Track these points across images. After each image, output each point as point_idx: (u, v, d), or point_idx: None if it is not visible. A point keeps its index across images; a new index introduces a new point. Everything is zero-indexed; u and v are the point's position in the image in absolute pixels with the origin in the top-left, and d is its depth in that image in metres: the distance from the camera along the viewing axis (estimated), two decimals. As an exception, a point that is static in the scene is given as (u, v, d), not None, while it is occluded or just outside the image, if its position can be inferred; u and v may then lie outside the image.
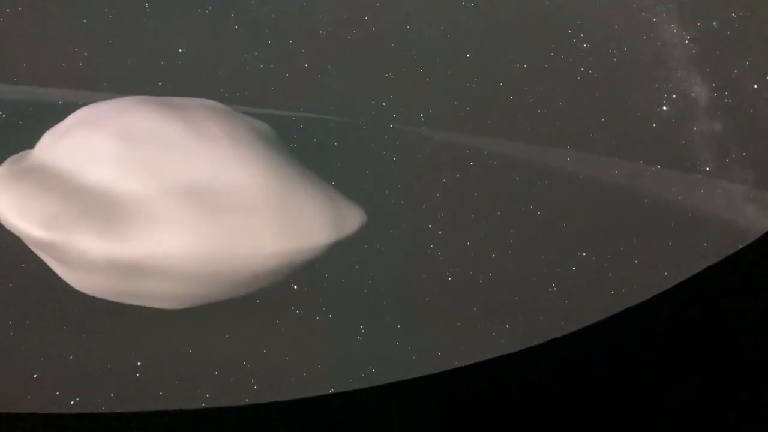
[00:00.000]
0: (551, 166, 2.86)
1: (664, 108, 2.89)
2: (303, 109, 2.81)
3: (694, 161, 2.87)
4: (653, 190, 2.87)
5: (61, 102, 2.75)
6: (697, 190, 2.87)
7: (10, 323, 2.52)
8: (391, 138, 2.82)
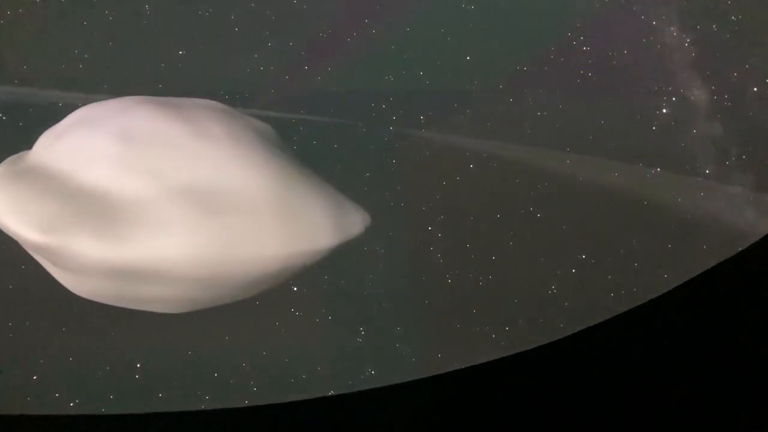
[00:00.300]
0: (551, 168, 2.87)
1: (663, 111, 2.89)
2: (303, 112, 2.82)
3: (693, 164, 2.87)
4: (653, 192, 2.87)
5: (61, 103, 2.75)
6: (697, 192, 2.87)
7: (9, 324, 2.52)
8: (391, 140, 2.83)
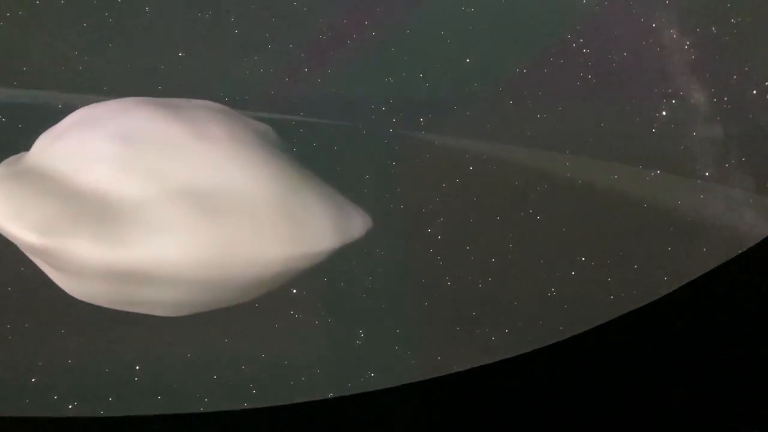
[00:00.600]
0: (551, 170, 2.87)
1: (663, 113, 2.89)
2: (302, 114, 2.82)
3: (693, 166, 2.87)
4: (652, 194, 2.87)
5: (61, 105, 2.75)
6: (697, 194, 2.87)
7: (8, 326, 2.52)
8: (391, 142, 2.83)
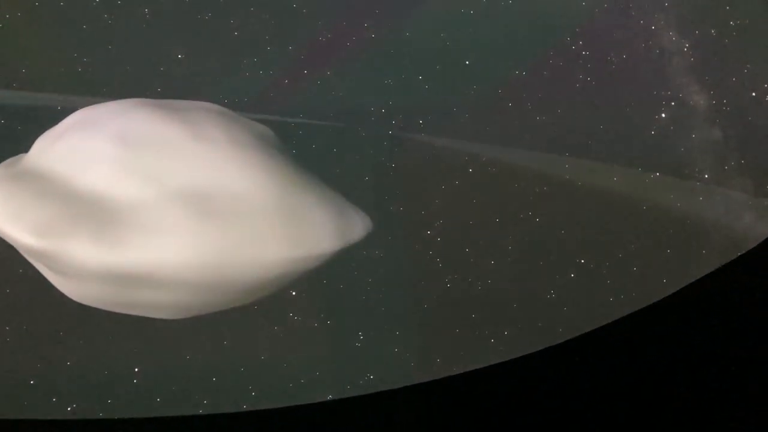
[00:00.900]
0: (550, 172, 2.86)
1: (662, 115, 2.89)
2: (302, 116, 2.81)
3: (692, 168, 2.87)
4: (652, 196, 2.87)
5: (60, 107, 2.75)
6: (696, 197, 2.87)
7: (6, 328, 2.52)
8: (390, 144, 2.83)
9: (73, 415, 2.44)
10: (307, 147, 2.78)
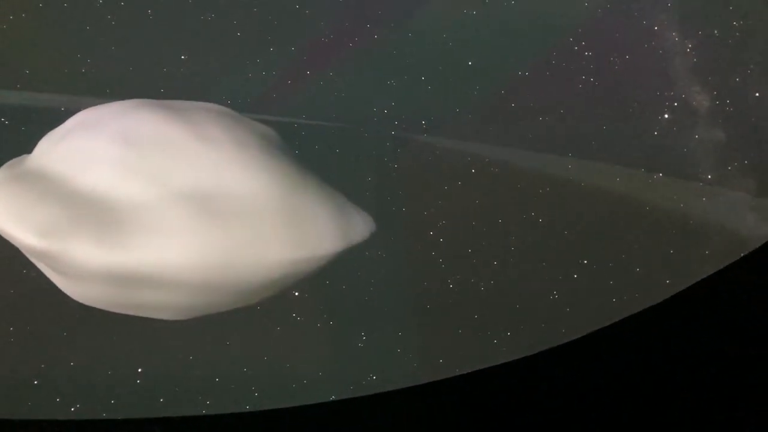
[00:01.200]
0: (552, 173, 2.86)
1: (665, 116, 2.89)
2: (304, 116, 2.82)
3: (695, 169, 2.87)
4: (654, 197, 2.87)
5: (64, 108, 2.75)
6: (699, 197, 2.86)
7: (11, 329, 2.52)
8: (393, 145, 2.83)
9: (77, 416, 2.44)
10: (310, 148, 2.79)
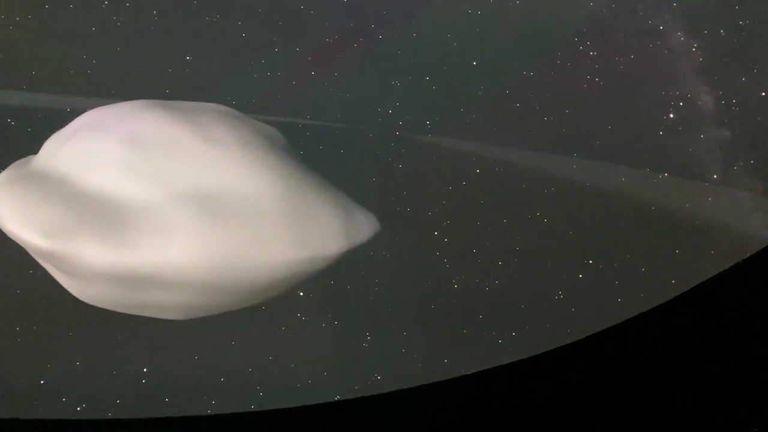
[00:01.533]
0: (557, 173, 2.86)
1: (670, 115, 2.88)
2: (309, 117, 2.82)
3: (701, 169, 2.86)
4: (660, 197, 2.86)
5: (69, 108, 2.76)
6: (704, 197, 2.86)
7: (17, 329, 2.53)
8: (398, 145, 2.83)
9: (82, 416, 2.45)
10: (315, 148, 2.79)
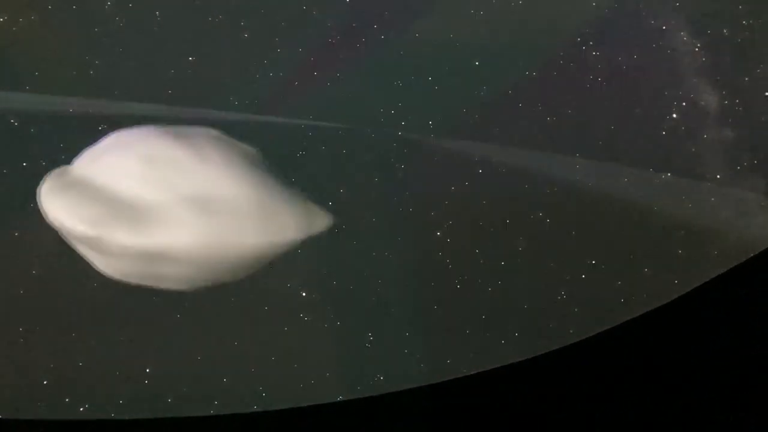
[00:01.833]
0: (560, 173, 2.86)
1: (674, 116, 2.88)
2: (311, 117, 2.82)
3: (704, 169, 2.85)
4: (663, 198, 2.86)
5: (72, 110, 2.77)
6: (708, 198, 2.85)
7: (20, 329, 2.54)
8: (399, 146, 2.83)
9: (85, 416, 2.46)
10: (317, 148, 2.80)
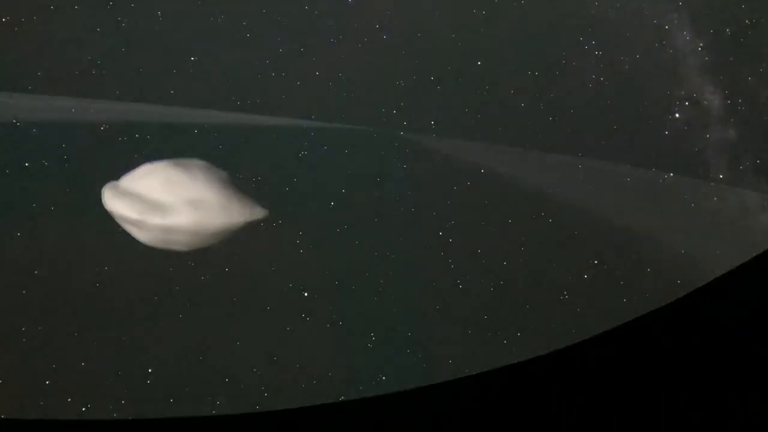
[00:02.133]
0: (562, 173, 2.86)
1: (676, 115, 2.87)
2: (314, 117, 2.83)
3: (707, 168, 2.85)
4: (666, 197, 2.86)
5: (74, 109, 2.78)
6: (710, 197, 2.85)
7: (22, 329, 2.54)
8: (402, 146, 2.83)
9: (87, 416, 2.46)
10: (320, 148, 2.80)
